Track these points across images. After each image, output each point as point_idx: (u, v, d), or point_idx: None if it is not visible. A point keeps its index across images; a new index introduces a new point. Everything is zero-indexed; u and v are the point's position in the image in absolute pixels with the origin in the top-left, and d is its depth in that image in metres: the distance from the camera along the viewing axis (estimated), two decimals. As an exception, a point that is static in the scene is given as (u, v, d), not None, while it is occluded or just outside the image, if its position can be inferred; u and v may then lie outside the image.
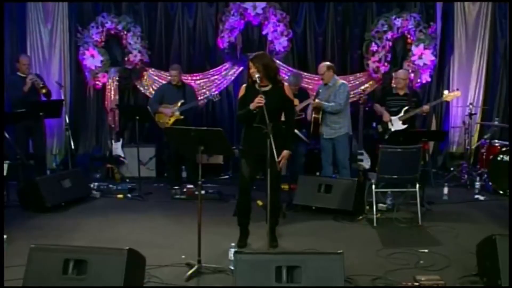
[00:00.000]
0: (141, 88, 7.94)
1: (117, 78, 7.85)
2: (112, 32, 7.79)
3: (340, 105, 5.78)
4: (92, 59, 7.74)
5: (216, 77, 7.82)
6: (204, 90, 7.70)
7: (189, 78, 7.67)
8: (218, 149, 4.19)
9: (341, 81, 6.02)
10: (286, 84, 4.31)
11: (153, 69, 7.89)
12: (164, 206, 5.85)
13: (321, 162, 6.09)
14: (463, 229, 4.86)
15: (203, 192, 5.79)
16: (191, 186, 6.20)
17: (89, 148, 8.11)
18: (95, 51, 7.73)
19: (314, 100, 5.81)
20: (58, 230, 4.83)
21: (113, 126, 7.83)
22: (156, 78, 7.88)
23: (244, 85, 4.24)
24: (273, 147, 3.56)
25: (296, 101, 6.49)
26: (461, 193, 6.42)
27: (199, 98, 7.04)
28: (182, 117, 6.67)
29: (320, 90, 6.08)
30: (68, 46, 7.99)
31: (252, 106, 3.92)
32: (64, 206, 5.63)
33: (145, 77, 7.89)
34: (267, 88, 4.05)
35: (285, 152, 4.04)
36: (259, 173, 4.65)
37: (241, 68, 7.62)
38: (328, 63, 6.07)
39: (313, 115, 5.90)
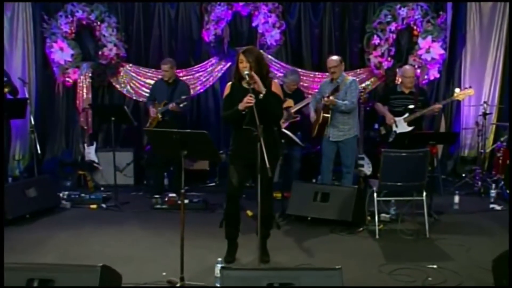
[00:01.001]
0: (117, 86, 7.95)
1: (90, 75, 7.86)
2: (84, 22, 7.79)
3: (354, 104, 5.80)
4: (61, 52, 7.73)
5: (201, 73, 7.84)
6: (189, 89, 7.74)
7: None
8: (203, 154, 4.22)
9: (350, 77, 6.05)
10: (274, 80, 4.34)
11: (130, 65, 7.89)
12: (143, 217, 5.87)
13: (320, 168, 6.13)
14: (477, 243, 4.89)
15: (186, 201, 5.86)
16: (174, 194, 6.22)
17: (58, 152, 8.10)
18: (65, 43, 7.72)
19: (328, 97, 5.77)
20: (22, 245, 4.81)
21: (85, 128, 7.83)
22: (133, 74, 7.89)
23: (229, 83, 4.28)
24: (264, 151, 3.59)
25: (290, 102, 6.56)
26: (474, 202, 6.48)
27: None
28: (161, 119, 6.67)
29: (325, 87, 6.01)
30: (33, 38, 7.94)
31: (241, 106, 3.96)
32: (28, 218, 5.61)
33: (122, 74, 7.90)
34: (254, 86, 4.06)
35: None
36: (249, 180, 4.68)
37: (228, 64, 7.64)
38: (338, 56, 6.03)
39: (323, 114, 5.88)
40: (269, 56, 7.61)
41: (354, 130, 5.92)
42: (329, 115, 5.85)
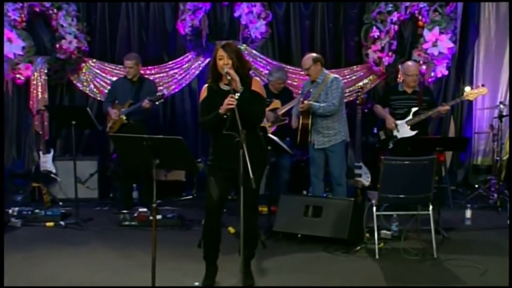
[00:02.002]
0: (79, 84, 7.97)
1: (46, 71, 7.87)
2: (37, 9, 7.77)
3: (334, 105, 5.89)
4: (10, 44, 7.69)
5: (176, 70, 7.91)
6: (160, 87, 7.76)
7: (141, 71, 7.70)
8: (178, 163, 4.25)
9: (332, 75, 6.14)
10: (255, 78, 4.40)
11: (94, 60, 7.94)
12: (109, 236, 5.88)
13: (309, 178, 6.23)
14: (493, 264, 4.89)
15: (159, 217, 5.89)
16: (144, 209, 6.26)
17: (7, 161, 8.05)
18: (14, 33, 7.68)
19: (302, 101, 5.90)
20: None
21: (40, 133, 7.79)
22: (97, 71, 7.91)
23: (205, 85, 4.34)
24: (247, 159, 3.66)
25: (277, 103, 6.65)
26: (489, 216, 6.55)
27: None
28: (126, 121, 6.71)
29: (307, 89, 6.16)
30: (-28, 26, 7.91)
31: (222, 109, 4.01)
32: (-30, 239, 5.57)
33: (84, 70, 7.92)
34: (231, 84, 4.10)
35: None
36: (230, 193, 4.74)
37: (207, 60, 7.68)
38: (314, 54, 6.18)
39: (301, 121, 6.01)
40: (254, 51, 7.70)
41: (341, 135, 6.03)
42: (308, 121, 5.99)
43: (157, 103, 6.61)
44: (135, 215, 6.23)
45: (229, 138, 3.86)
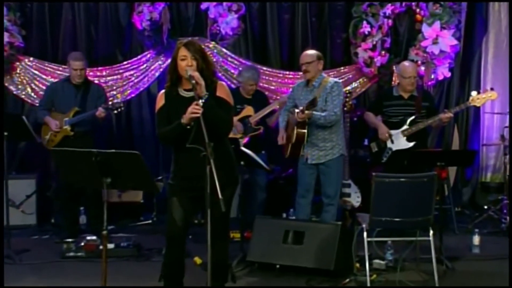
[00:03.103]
0: (12, 87, 7.91)
1: (-31, 71, 7.83)
2: (-43, -3, 7.74)
3: (336, 115, 5.93)
4: None
5: (132, 72, 7.93)
6: (114, 92, 7.78)
7: (91, 73, 7.69)
8: (134, 182, 4.24)
9: (332, 79, 6.20)
10: (221, 82, 4.45)
11: (31, 59, 7.90)
12: (49, 270, 5.83)
13: (296, 200, 6.27)
14: None
15: (111, 245, 5.87)
16: (93, 237, 6.24)
17: None
18: None
19: (302, 110, 5.87)
20: None
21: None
22: (36, 72, 7.87)
23: (162, 91, 4.39)
24: (215, 177, 3.69)
25: (250, 110, 6.71)
26: (501, 243, 6.57)
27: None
28: (72, 132, 6.71)
29: (298, 94, 6.17)
30: None
31: (185, 118, 4.06)
32: None
33: (18, 71, 7.88)
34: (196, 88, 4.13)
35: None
36: (196, 216, 4.76)
37: (169, 60, 7.66)
38: (316, 51, 6.19)
39: (297, 130, 6.01)
40: (224, 50, 7.76)
41: (339, 148, 6.07)
42: (305, 131, 6.00)
43: (115, 111, 6.61)
44: (82, 244, 6.19)
45: (193, 152, 3.92)
